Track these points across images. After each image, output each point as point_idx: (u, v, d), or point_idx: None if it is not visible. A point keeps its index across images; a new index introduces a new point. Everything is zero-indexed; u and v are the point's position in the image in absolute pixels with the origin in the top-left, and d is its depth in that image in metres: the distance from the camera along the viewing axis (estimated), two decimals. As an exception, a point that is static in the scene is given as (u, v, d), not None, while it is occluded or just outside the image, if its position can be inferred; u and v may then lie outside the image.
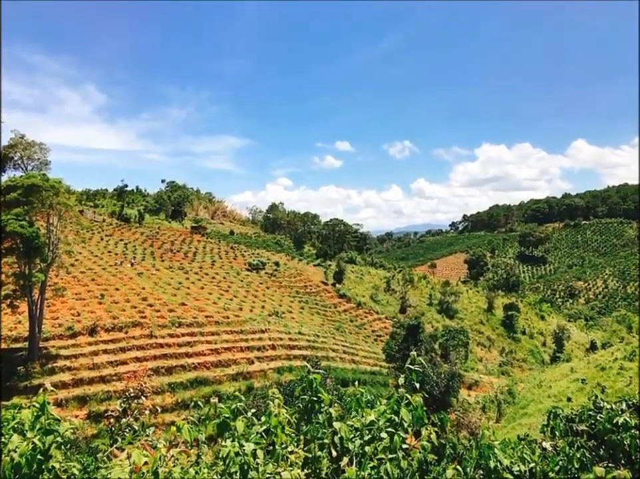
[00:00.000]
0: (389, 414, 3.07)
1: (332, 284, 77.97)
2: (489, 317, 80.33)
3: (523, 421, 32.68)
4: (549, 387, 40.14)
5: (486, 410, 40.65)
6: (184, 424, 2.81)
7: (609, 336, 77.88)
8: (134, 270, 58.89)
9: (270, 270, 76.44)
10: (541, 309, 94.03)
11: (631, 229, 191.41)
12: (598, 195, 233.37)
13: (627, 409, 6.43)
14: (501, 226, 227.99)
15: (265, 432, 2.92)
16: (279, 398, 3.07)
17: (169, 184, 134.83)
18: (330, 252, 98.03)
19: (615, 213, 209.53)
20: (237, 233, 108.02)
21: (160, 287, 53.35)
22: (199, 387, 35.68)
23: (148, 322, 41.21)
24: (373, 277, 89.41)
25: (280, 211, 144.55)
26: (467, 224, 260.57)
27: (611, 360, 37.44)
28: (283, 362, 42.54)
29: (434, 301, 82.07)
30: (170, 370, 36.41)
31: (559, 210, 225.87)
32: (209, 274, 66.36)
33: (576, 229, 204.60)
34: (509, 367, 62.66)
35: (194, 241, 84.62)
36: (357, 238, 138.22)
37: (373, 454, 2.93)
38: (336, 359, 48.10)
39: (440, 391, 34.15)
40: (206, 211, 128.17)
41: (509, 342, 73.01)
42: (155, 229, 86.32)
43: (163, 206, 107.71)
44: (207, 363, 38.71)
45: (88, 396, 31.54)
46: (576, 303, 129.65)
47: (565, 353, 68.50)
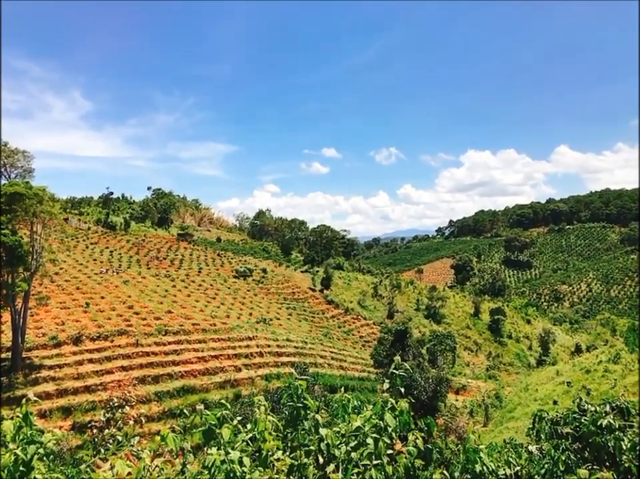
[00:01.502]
0: (375, 419, 3.07)
1: (320, 290, 77.90)
2: (475, 322, 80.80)
3: (510, 425, 32.83)
4: (536, 390, 40.39)
5: (474, 414, 40.80)
6: (168, 433, 2.79)
7: (593, 339, 78.77)
8: (120, 278, 58.32)
9: (257, 277, 76.19)
10: (527, 313, 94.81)
11: (613, 233, 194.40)
12: (581, 200, 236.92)
13: (610, 411, 6.51)
14: (487, 231, 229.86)
15: (251, 440, 2.91)
16: (265, 405, 3.06)
17: (155, 191, 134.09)
18: (318, 258, 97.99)
19: (597, 218, 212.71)
20: (224, 240, 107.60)
21: (146, 295, 52.87)
22: (186, 396, 35.32)
23: (134, 330, 40.77)
24: (361, 283, 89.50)
25: (267, 217, 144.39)
26: (453, 229, 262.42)
27: (596, 363, 37.80)
28: (271, 370, 42.31)
29: (421, 306, 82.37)
30: (157, 378, 36.01)
31: (543, 215, 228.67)
32: (196, 281, 65.95)
33: (560, 233, 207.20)
34: (496, 371, 62.98)
35: (181, 249, 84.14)
36: (345, 244, 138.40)
37: (359, 460, 2.93)
38: (325, 365, 47.98)
39: (428, 396, 34.23)
40: (193, 218, 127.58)
41: (495, 347, 73.45)
42: (141, 236, 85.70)
43: (149, 213, 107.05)
44: (194, 371, 38.36)
45: (72, 406, 31.05)
46: (561, 307, 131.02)
47: (551, 356, 69.13)
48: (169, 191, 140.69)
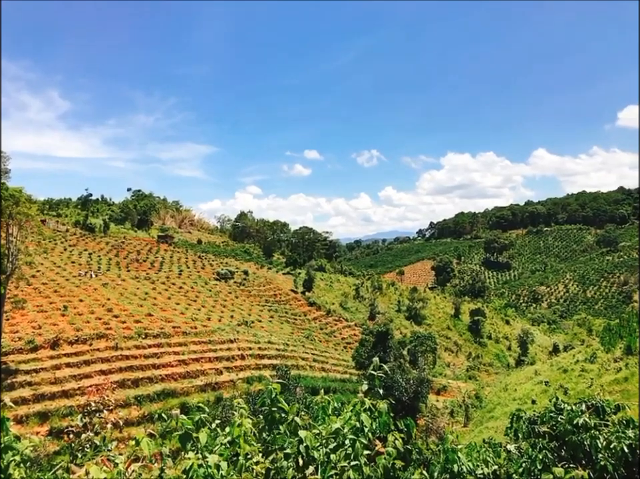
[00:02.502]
0: (354, 421, 3.08)
1: (301, 292, 77.80)
2: (456, 323, 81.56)
3: (490, 424, 33.20)
4: (515, 390, 40.94)
5: (454, 415, 41.15)
6: (143, 438, 2.76)
7: (570, 339, 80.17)
8: (99, 281, 57.46)
9: (239, 279, 75.78)
10: (506, 314, 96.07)
11: (589, 235, 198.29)
12: (558, 203, 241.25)
13: (586, 410, 6.63)
14: (467, 233, 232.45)
15: (229, 443, 2.89)
16: (244, 408, 3.05)
17: (135, 193, 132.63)
18: (300, 260, 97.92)
19: (574, 220, 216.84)
20: (205, 242, 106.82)
21: (126, 298, 52.17)
22: (166, 399, 34.92)
23: (114, 333, 40.18)
24: (342, 285, 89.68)
25: (249, 219, 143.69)
26: (434, 231, 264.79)
27: (573, 363, 38.47)
28: (253, 372, 42.07)
29: (402, 308, 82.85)
30: (136, 382, 35.52)
31: (522, 217, 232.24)
32: (177, 284, 65.31)
33: (538, 235, 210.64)
34: (476, 372, 63.64)
35: (161, 251, 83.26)
36: (326, 246, 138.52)
37: (338, 461, 2.93)
38: (306, 368, 47.90)
39: (409, 397, 34.38)
40: (173, 220, 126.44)
41: (475, 347, 74.21)
42: (120, 238, 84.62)
43: (129, 215, 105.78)
44: (174, 374, 37.94)
45: (49, 411, 30.44)
46: (539, 307, 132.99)
47: (530, 356, 70.15)
48: (150, 193, 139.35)
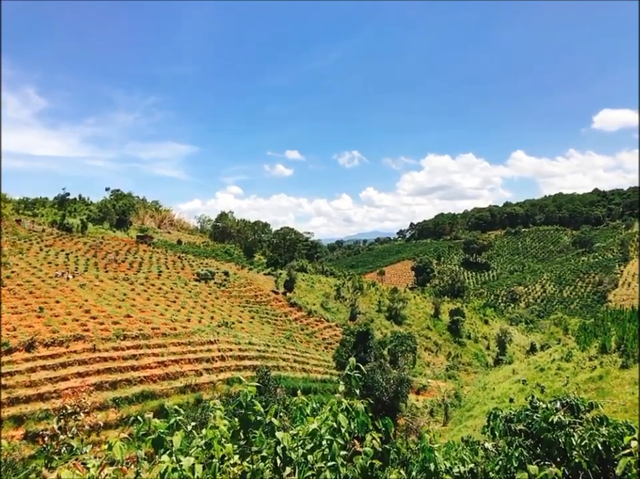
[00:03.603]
0: (331, 421, 3.10)
1: (283, 293, 77.63)
2: (435, 323, 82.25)
3: (469, 423, 33.58)
4: (493, 389, 41.48)
5: (434, 414, 41.50)
6: (116, 442, 2.72)
7: (547, 339, 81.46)
8: (76, 281, 56.49)
9: (219, 280, 75.27)
10: (485, 314, 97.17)
11: (565, 236, 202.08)
12: (536, 204, 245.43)
13: (561, 408, 6.76)
14: (447, 234, 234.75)
15: (206, 445, 2.87)
16: (221, 409, 3.03)
17: (113, 192, 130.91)
18: (281, 261, 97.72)
19: (551, 221, 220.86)
20: (185, 243, 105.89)
21: (104, 299, 51.41)
22: (145, 401, 34.52)
23: (91, 335, 39.55)
24: (324, 285, 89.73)
25: (230, 219, 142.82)
26: (414, 232, 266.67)
27: (549, 361, 39.12)
28: (233, 373, 41.84)
29: (382, 308, 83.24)
30: (114, 384, 35.05)
31: (500, 218, 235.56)
32: (156, 285, 64.58)
33: (516, 236, 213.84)
34: (455, 371, 64.26)
35: (140, 251, 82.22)
36: (308, 246, 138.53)
37: (315, 462, 2.94)
38: (287, 368, 47.83)
39: (389, 396, 34.58)
40: (153, 220, 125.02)
41: (455, 347, 74.94)
42: (99, 238, 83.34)
43: (107, 215, 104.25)
44: (153, 376, 37.52)
45: (24, 415, 29.83)
46: (517, 307, 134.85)
47: (508, 356, 71.05)
48: (129, 193, 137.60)
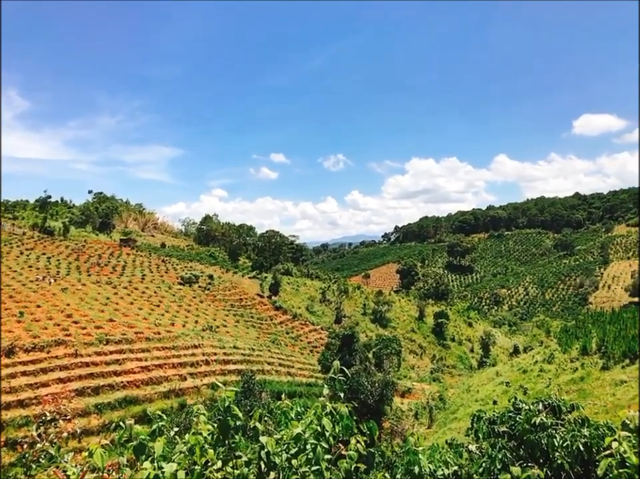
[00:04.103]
0: (315, 425, 3.10)
1: (268, 296, 77.40)
2: (420, 325, 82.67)
3: (453, 425, 33.77)
4: (477, 391, 41.78)
5: (419, 417, 41.63)
6: (97, 448, 2.69)
7: (530, 341, 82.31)
8: (58, 285, 55.67)
9: (204, 283, 74.79)
10: (469, 316, 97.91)
11: (547, 239, 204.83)
12: (518, 207, 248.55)
13: (543, 410, 6.84)
14: (431, 237, 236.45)
15: (189, 451, 2.85)
16: (205, 414, 3.02)
17: (97, 195, 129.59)
18: (266, 264, 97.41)
19: (533, 224, 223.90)
20: (169, 246, 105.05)
21: (86, 303, 50.74)
22: (128, 407, 34.09)
23: (73, 340, 38.97)
24: (309, 289, 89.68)
25: (214, 222, 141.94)
26: (398, 235, 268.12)
27: (532, 363, 39.54)
28: (217, 378, 41.53)
29: (367, 311, 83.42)
30: (97, 390, 34.55)
31: (484, 221, 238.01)
32: (139, 288, 63.95)
33: (499, 239, 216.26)
34: (439, 374, 64.63)
35: (123, 255, 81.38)
36: (293, 249, 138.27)
37: (299, 466, 2.94)
38: (272, 372, 47.66)
39: (374, 400, 34.62)
40: (136, 223, 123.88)
41: (439, 349, 75.39)
42: (81, 242, 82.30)
43: (90, 218, 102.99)
44: (137, 381, 37.08)
45: (4, 422, 29.25)
46: (500, 310, 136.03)
47: (491, 358, 71.71)
48: (112, 195, 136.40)
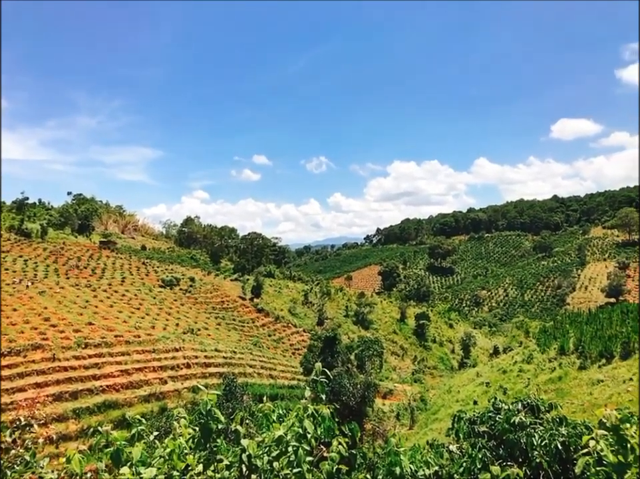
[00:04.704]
0: (297, 427, 3.10)
1: (250, 299, 77.08)
2: (402, 327, 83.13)
3: (434, 426, 34.03)
4: (458, 392, 42.17)
5: (400, 418, 41.85)
6: (74, 454, 2.65)
7: (509, 341, 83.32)
8: (35, 288, 54.65)
9: (185, 286, 74.16)
10: (450, 318, 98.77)
11: (526, 241, 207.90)
12: (498, 210, 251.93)
13: (522, 409, 6.94)
14: (412, 239, 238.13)
15: (169, 456, 2.83)
16: (186, 418, 2.99)
17: (76, 197, 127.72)
18: (249, 266, 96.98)
19: (513, 227, 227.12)
20: (150, 248, 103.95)
21: (65, 306, 49.91)
22: (107, 411, 33.60)
23: (51, 344, 38.30)
24: (291, 291, 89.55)
25: (196, 224, 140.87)
26: (380, 237, 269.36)
27: (512, 364, 40.08)
28: (199, 381, 41.19)
29: (350, 313, 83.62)
30: (75, 394, 34.00)
31: (464, 224, 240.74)
32: (119, 291, 63.13)
33: (480, 241, 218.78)
34: (421, 375, 65.08)
35: (103, 257, 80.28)
36: (276, 252, 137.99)
37: (281, 469, 2.93)
38: (254, 375, 47.45)
39: (356, 401, 34.66)
40: (116, 225, 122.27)
41: (421, 351, 75.90)
42: (59, 244, 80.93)
43: (69, 220, 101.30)
44: (116, 385, 36.58)
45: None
46: (481, 311, 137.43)
47: (472, 359, 72.47)
48: (91, 197, 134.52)
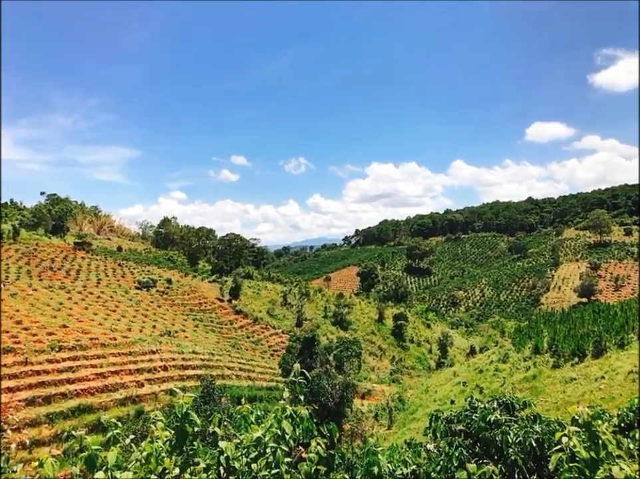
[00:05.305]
0: (275, 428, 3.10)
1: (228, 300, 76.54)
2: (380, 327, 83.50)
3: (412, 426, 34.27)
4: (435, 392, 42.56)
5: (379, 418, 42.02)
6: (47, 458, 2.60)
7: (485, 341, 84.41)
8: (7, 291, 53.31)
9: (162, 288, 73.26)
10: (427, 318, 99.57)
11: (502, 242, 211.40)
12: (475, 211, 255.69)
13: (498, 407, 7.06)
14: (390, 240, 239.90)
15: (146, 459, 2.79)
16: (162, 421, 2.96)
17: (49, 197, 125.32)
18: (227, 268, 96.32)
19: (489, 228, 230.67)
20: (126, 249, 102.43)
21: (38, 309, 48.81)
22: (82, 415, 32.94)
23: (23, 347, 37.38)
24: (270, 292, 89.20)
25: (173, 225, 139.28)
26: (359, 238, 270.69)
27: (488, 363, 40.60)
28: (176, 383, 40.71)
29: (328, 314, 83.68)
30: (48, 399, 33.24)
31: (441, 225, 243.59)
32: (95, 293, 62.03)
33: (456, 242, 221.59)
34: (399, 375, 65.46)
35: (78, 258, 78.78)
36: (254, 253, 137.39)
37: (259, 470, 2.93)
38: (232, 377, 47.11)
39: (335, 402, 34.74)
40: (92, 225, 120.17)
41: (399, 351, 76.36)
42: (32, 245, 79.13)
43: (42, 220, 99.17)
44: (91, 389, 35.89)
45: (-54, 435, 27.80)
46: (457, 311, 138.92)
47: (449, 359, 73.20)
48: (66, 197, 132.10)
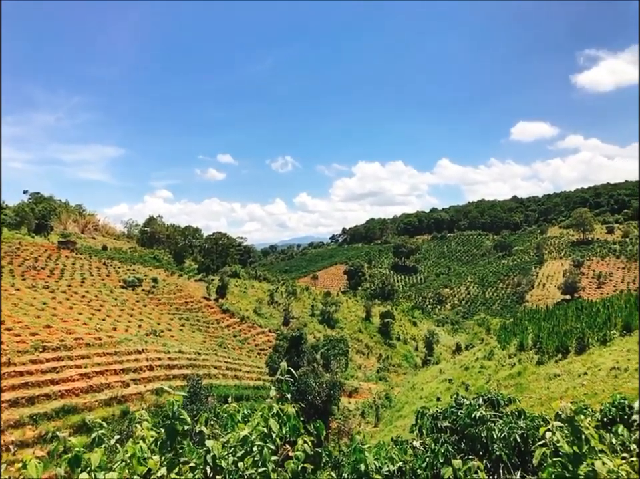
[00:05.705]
0: (262, 427, 3.09)
1: (214, 299, 76.20)
2: (367, 325, 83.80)
3: (399, 423, 34.46)
4: (422, 389, 42.82)
5: (365, 416, 42.19)
6: (31, 460, 2.57)
7: (471, 339, 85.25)
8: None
9: (147, 287, 72.69)
10: (414, 316, 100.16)
11: (487, 240, 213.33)
12: (460, 210, 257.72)
13: (483, 404, 7.13)
14: (377, 238, 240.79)
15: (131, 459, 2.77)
16: (148, 421, 2.95)
17: (32, 195, 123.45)
18: (213, 266, 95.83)
19: (474, 226, 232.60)
20: (111, 248, 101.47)
21: (21, 309, 48.10)
22: (66, 416, 32.55)
23: (5, 348, 36.80)
24: (257, 291, 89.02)
25: (158, 224, 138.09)
26: (346, 237, 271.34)
27: (473, 360, 40.92)
28: (162, 383, 40.45)
29: (316, 312, 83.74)
30: (32, 400, 32.79)
31: (427, 223, 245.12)
32: (79, 293, 61.34)
33: (442, 240, 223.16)
34: (386, 372, 65.75)
35: (62, 258, 77.79)
36: (241, 251, 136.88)
37: (246, 469, 2.93)
38: (219, 376, 46.93)
39: (322, 400, 34.78)
40: (76, 224, 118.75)
41: (385, 349, 76.69)
42: (15, 244, 77.97)
43: (25, 219, 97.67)
44: (76, 389, 35.48)
45: None
46: (443, 309, 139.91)
47: (435, 356, 73.70)
48: (50, 196, 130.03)
